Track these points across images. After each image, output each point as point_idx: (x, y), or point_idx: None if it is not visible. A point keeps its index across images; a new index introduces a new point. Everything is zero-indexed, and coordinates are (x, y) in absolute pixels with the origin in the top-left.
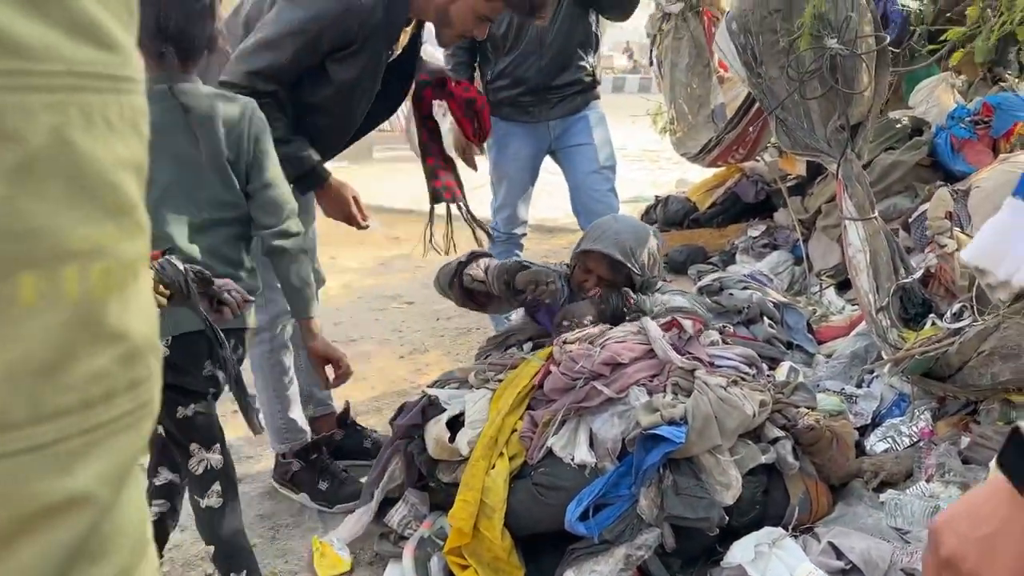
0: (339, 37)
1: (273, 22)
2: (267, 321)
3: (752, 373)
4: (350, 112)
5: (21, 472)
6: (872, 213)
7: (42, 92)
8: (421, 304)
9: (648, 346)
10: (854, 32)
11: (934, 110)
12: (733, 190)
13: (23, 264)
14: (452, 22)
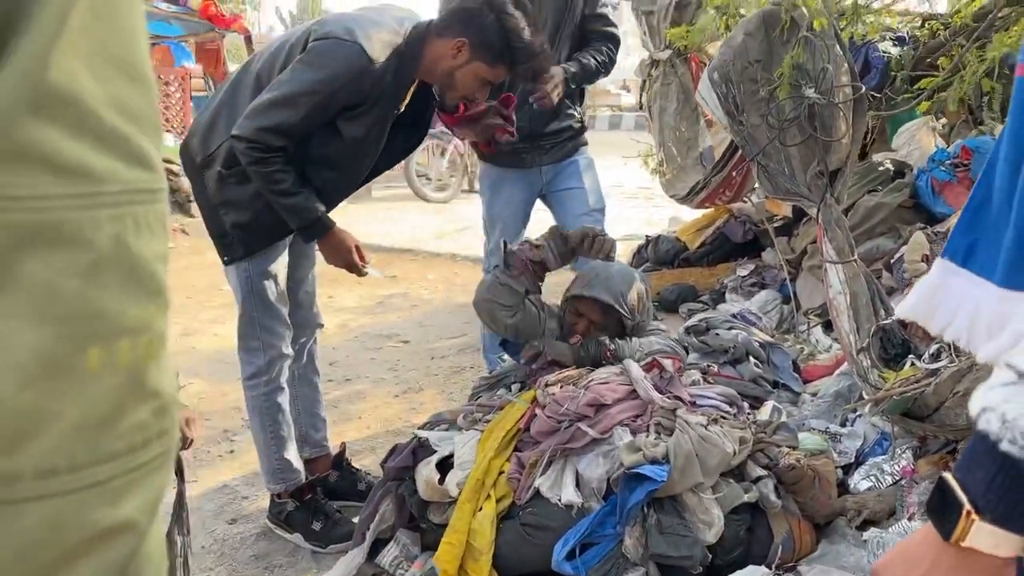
0: (350, 97)
1: (287, 81)
2: (264, 365)
3: (732, 412)
4: (356, 166)
5: (85, 504)
6: (852, 256)
7: (108, 207)
8: (416, 343)
9: (631, 387)
10: (831, 82)
11: (916, 153)
12: (722, 230)
13: (92, 340)
14: (456, 86)
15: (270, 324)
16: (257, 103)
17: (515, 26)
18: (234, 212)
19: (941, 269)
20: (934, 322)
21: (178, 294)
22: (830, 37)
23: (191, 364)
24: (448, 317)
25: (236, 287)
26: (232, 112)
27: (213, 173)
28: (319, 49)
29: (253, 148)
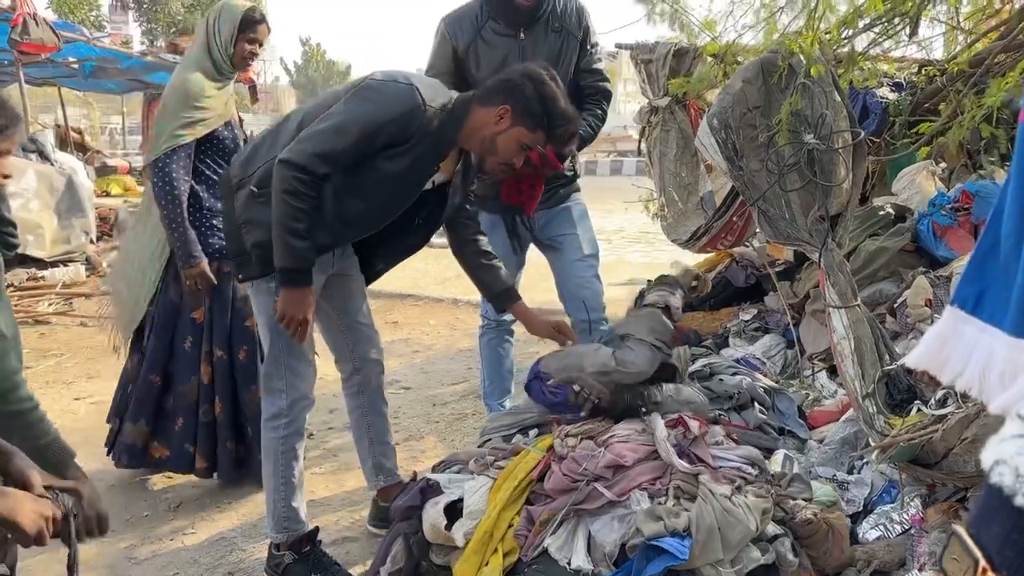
0: (397, 134)
1: (340, 112)
2: (286, 407)
3: (755, 474)
4: (388, 202)
5: None
6: (855, 301)
7: None
8: (418, 389)
9: (652, 447)
10: (830, 128)
11: (916, 197)
12: (724, 274)
13: None
14: (497, 151)
15: (295, 366)
16: (308, 131)
17: (552, 94)
18: (256, 231)
19: (951, 318)
20: (945, 372)
21: None
22: (828, 84)
23: None
24: (450, 363)
25: (263, 328)
26: (273, 144)
27: (244, 192)
28: (374, 85)
29: (298, 174)
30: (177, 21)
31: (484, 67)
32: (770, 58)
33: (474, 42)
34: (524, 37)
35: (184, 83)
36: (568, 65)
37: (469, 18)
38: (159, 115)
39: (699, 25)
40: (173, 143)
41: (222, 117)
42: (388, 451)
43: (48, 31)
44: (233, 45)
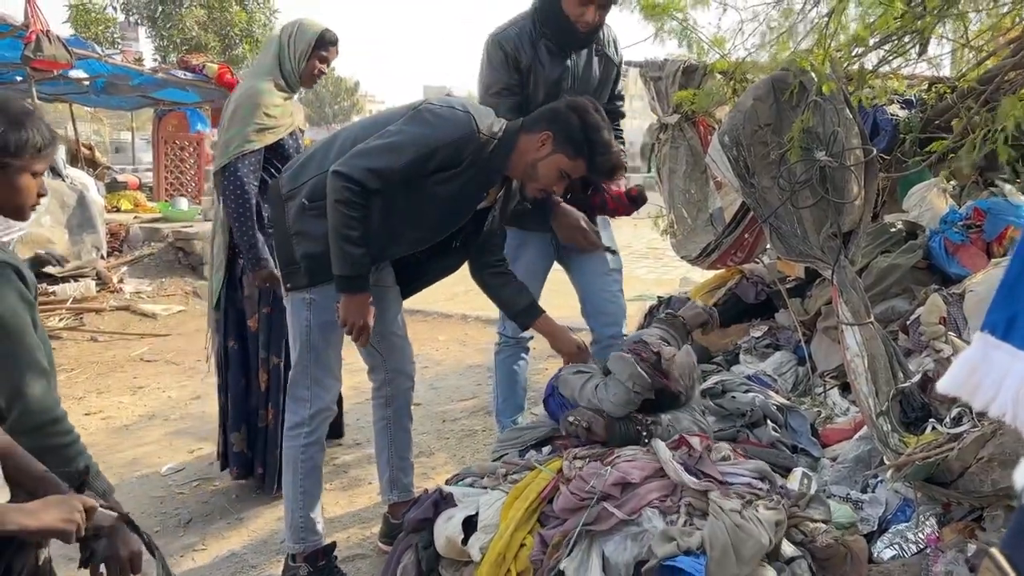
0: (450, 157)
1: (396, 132)
2: (307, 417)
3: (765, 488)
4: (432, 226)
5: None
6: (868, 318)
7: None
8: (428, 406)
9: (658, 465)
10: (842, 145)
11: (928, 214)
12: (734, 291)
13: None
14: (539, 176)
15: (321, 377)
16: (364, 146)
17: (595, 123)
18: (307, 242)
19: (981, 343)
20: (977, 398)
21: (188, 357)
22: (839, 101)
23: (201, 430)
24: (459, 379)
25: (295, 336)
26: (324, 158)
27: (296, 203)
28: (433, 110)
29: (349, 185)
30: (190, 38)
31: (541, 85)
32: (781, 76)
33: (534, 60)
34: (574, 60)
35: (255, 92)
36: (607, 90)
37: (526, 36)
38: (229, 122)
39: (708, 43)
40: (243, 148)
41: (289, 127)
42: (407, 467)
43: (61, 48)
44: (305, 61)
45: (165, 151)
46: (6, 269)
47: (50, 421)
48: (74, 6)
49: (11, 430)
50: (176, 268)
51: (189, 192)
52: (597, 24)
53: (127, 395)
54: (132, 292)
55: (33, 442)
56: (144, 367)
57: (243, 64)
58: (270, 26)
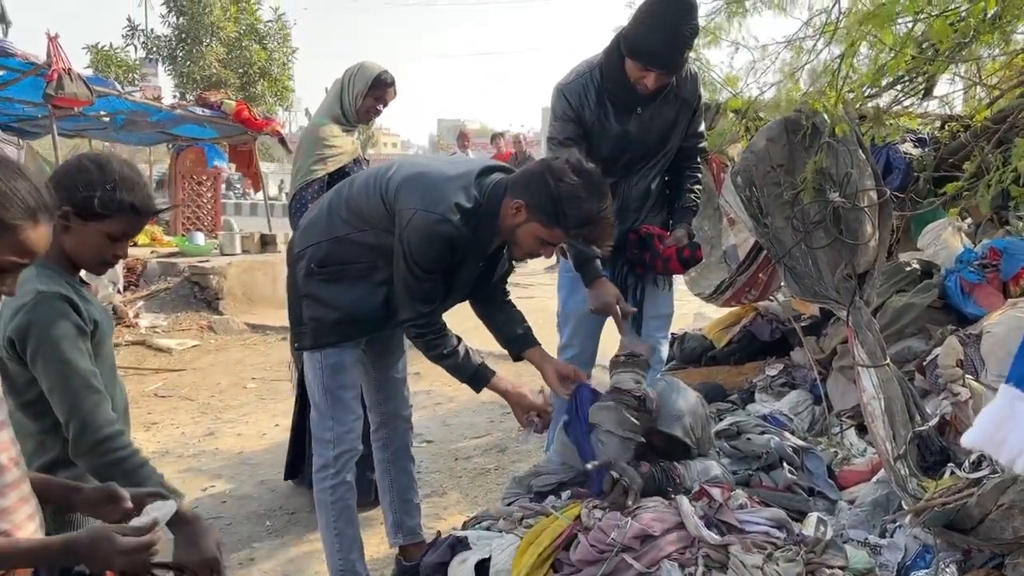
0: (448, 259)
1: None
2: (332, 458)
3: (782, 536)
4: (446, 294)
5: None
6: (884, 360)
7: None
8: (440, 443)
9: (679, 517)
10: (855, 186)
11: (943, 252)
12: (749, 328)
13: None
14: (519, 243)
15: (343, 417)
16: (398, 288)
17: (571, 193)
18: (314, 306)
19: (1007, 397)
20: (1003, 452)
21: (202, 393)
22: (852, 143)
23: (213, 466)
24: (472, 416)
25: (310, 382)
26: (328, 223)
27: (304, 266)
28: (416, 226)
29: (419, 325)
30: (210, 75)
31: (605, 140)
32: (794, 117)
33: (598, 114)
34: (642, 112)
35: (314, 127)
36: (678, 134)
37: (593, 88)
38: (296, 156)
39: (721, 81)
40: (308, 178)
41: (351, 154)
42: (411, 509)
43: (82, 86)
44: (362, 99)
45: (183, 185)
46: (60, 302)
47: (103, 439)
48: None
49: (72, 452)
50: (192, 303)
51: (206, 226)
52: (659, 88)
53: (140, 431)
54: (148, 326)
55: (92, 462)
56: (158, 403)
57: (261, 101)
58: (289, 65)
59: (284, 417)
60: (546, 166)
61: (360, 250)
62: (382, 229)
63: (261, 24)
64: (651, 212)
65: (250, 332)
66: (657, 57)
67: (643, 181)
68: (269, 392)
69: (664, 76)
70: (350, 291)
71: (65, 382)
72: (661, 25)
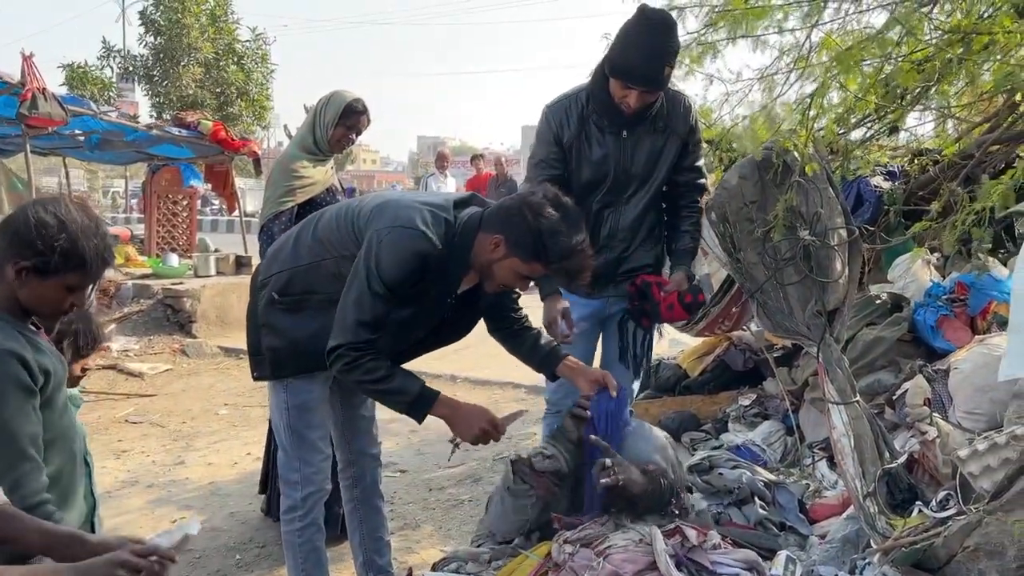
0: (416, 279)
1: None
2: (300, 500)
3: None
4: (403, 336)
5: None
6: (854, 397)
7: None
8: (414, 472)
9: (651, 557)
10: (825, 224)
11: (912, 285)
12: (722, 358)
13: None
14: (494, 277)
15: (310, 458)
16: (341, 307)
17: (551, 227)
18: (272, 336)
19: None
20: None
21: (174, 419)
22: (822, 180)
23: (183, 497)
24: (447, 445)
25: (276, 421)
26: (295, 252)
27: (266, 294)
28: (386, 240)
29: (350, 350)
30: (186, 96)
31: (585, 164)
32: (765, 155)
33: (578, 137)
34: (627, 136)
35: (284, 158)
36: (665, 164)
37: (575, 110)
38: (265, 187)
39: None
40: (276, 209)
41: (323, 184)
42: (381, 547)
43: (56, 105)
44: (332, 128)
45: (158, 205)
46: (8, 360)
47: (27, 508)
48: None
49: None
50: (164, 326)
51: (181, 246)
52: (642, 107)
53: (110, 459)
54: (120, 350)
55: None
56: (129, 429)
57: (239, 121)
58: (267, 85)
59: (256, 445)
60: (523, 201)
61: (321, 279)
62: (345, 256)
63: (239, 44)
64: (642, 245)
65: (223, 356)
66: (638, 73)
67: (632, 211)
68: (241, 419)
69: (647, 94)
70: (310, 322)
71: (2, 447)
72: (642, 43)
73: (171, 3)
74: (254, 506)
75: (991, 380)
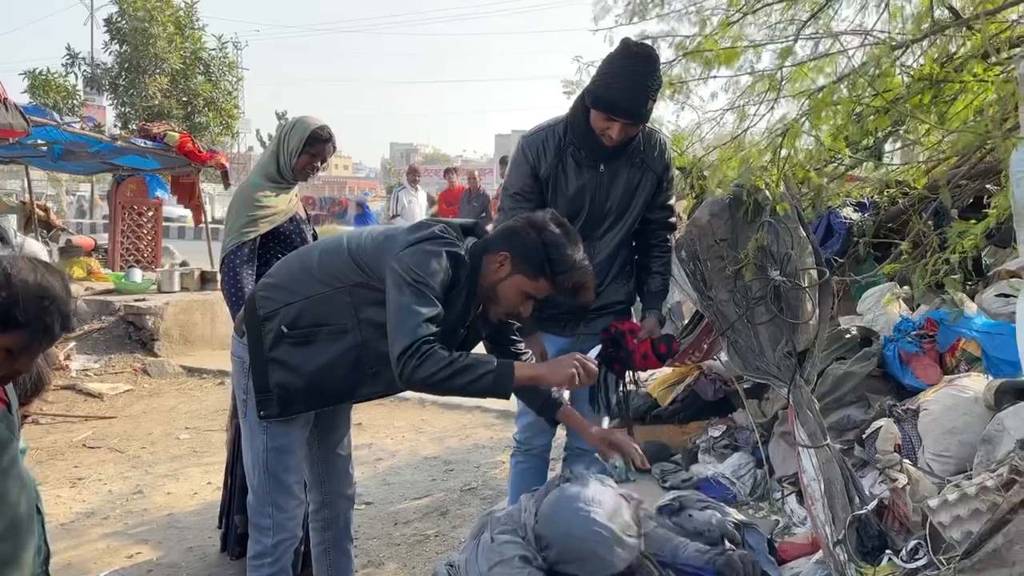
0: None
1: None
2: (271, 546)
3: None
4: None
5: None
6: (824, 440)
7: None
8: (379, 505)
9: None
10: (795, 265)
11: (882, 319)
12: (693, 388)
13: None
14: (500, 299)
15: (283, 503)
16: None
17: (555, 240)
18: (282, 372)
19: None
20: None
21: (133, 444)
22: (793, 220)
23: (140, 530)
24: (414, 473)
25: (250, 463)
26: (305, 277)
27: (273, 327)
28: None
29: (421, 344)
30: (153, 106)
31: (561, 196)
32: (736, 192)
33: (555, 168)
34: (604, 170)
35: (246, 187)
36: (640, 199)
37: (552, 142)
38: (227, 217)
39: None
40: (238, 239)
41: (286, 213)
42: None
43: (18, 116)
44: (297, 157)
45: (122, 216)
46: None
47: None
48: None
49: None
50: (126, 344)
51: (145, 258)
52: (623, 140)
53: (66, 487)
54: (79, 369)
55: None
56: (86, 455)
57: (206, 132)
58: (235, 94)
59: (217, 473)
60: (527, 220)
61: (333, 310)
62: (358, 284)
63: (205, 52)
64: (615, 282)
65: (186, 376)
66: (621, 105)
67: (606, 248)
68: (203, 444)
69: (629, 127)
70: (321, 354)
71: None
72: (625, 76)
73: (136, 12)
74: (213, 540)
75: (960, 422)
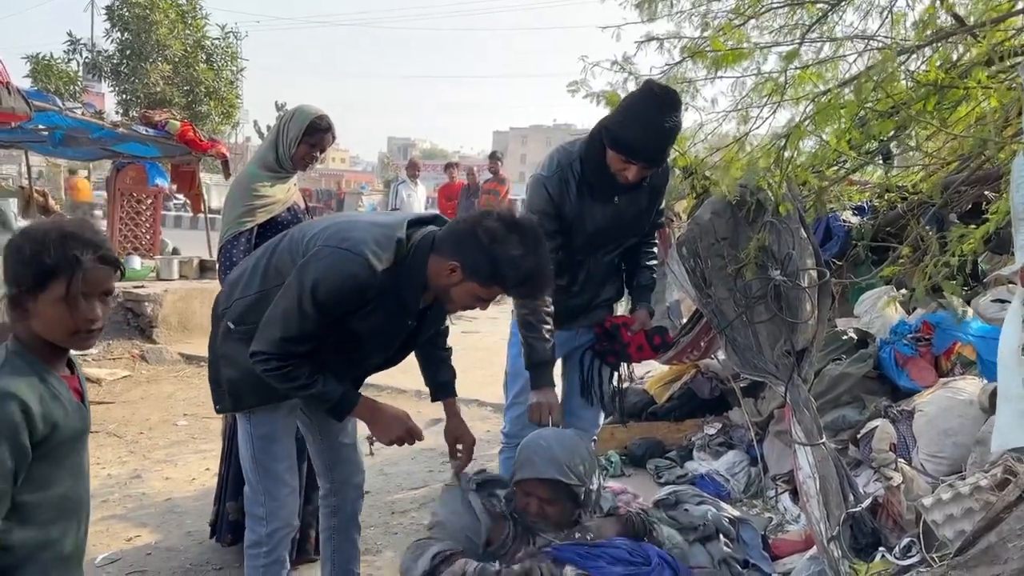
0: (355, 302)
1: (295, 289)
2: (265, 535)
3: None
4: (363, 356)
5: None
6: (820, 439)
7: None
8: (376, 494)
9: None
10: (796, 265)
11: (878, 321)
12: (689, 386)
13: None
14: (453, 301)
15: (274, 490)
16: (269, 315)
17: (507, 255)
18: (230, 367)
19: None
20: None
21: (131, 429)
22: (795, 221)
23: (139, 515)
24: (411, 464)
25: (242, 454)
26: (252, 278)
27: (223, 324)
28: (324, 260)
29: (271, 359)
30: (154, 93)
31: (581, 232)
32: (739, 192)
33: (578, 208)
34: (619, 201)
35: (244, 176)
36: (647, 218)
37: (574, 182)
38: (224, 206)
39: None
40: (236, 229)
41: (284, 203)
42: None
43: (20, 100)
44: (296, 146)
45: (121, 203)
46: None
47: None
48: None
49: None
50: (124, 330)
51: (143, 245)
52: (639, 180)
53: None
54: (77, 355)
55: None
56: None
57: (207, 120)
58: (236, 83)
59: (214, 460)
60: (477, 225)
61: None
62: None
63: (208, 41)
64: (610, 282)
65: (184, 363)
66: (640, 151)
67: (608, 256)
68: (201, 431)
69: (646, 169)
70: None
71: None
72: (645, 119)
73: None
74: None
75: (954, 424)
